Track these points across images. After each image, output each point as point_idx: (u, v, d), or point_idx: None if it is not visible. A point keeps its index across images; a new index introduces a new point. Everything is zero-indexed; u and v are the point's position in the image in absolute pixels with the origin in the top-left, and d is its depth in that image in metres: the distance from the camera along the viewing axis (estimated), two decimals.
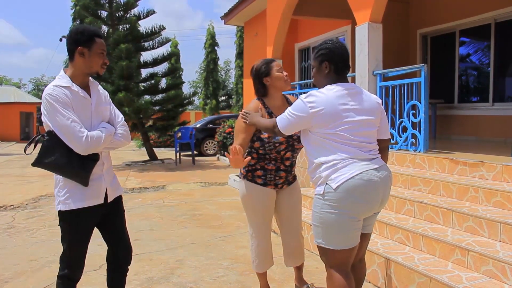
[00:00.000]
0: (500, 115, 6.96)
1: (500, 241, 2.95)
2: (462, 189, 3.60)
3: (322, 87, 2.23)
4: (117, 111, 2.48)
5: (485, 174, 3.76)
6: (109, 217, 2.42)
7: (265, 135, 2.70)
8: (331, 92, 2.14)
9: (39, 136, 2.19)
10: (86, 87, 2.32)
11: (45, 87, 2.27)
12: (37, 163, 2.19)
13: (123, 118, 2.48)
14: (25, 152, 2.23)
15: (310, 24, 10.32)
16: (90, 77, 2.36)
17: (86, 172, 2.24)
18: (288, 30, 8.09)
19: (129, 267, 2.53)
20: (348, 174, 2.04)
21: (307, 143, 2.26)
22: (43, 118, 2.21)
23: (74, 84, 2.24)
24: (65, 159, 2.17)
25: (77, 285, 2.37)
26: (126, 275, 2.55)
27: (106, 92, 2.47)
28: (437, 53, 8.42)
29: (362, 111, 2.15)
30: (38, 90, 43.40)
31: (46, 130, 2.22)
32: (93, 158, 2.27)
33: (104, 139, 2.25)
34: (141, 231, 4.95)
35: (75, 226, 2.28)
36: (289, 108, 2.24)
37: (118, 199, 2.48)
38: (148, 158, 12.84)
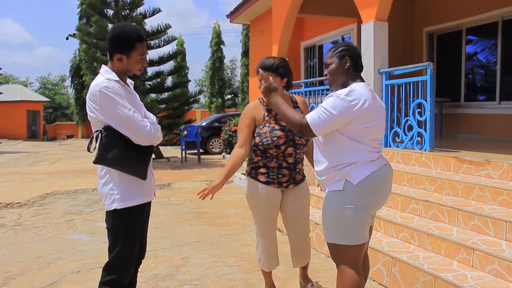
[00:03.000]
0: (507, 114, 6.91)
1: (506, 240, 2.94)
2: (468, 187, 3.59)
3: (339, 84, 2.23)
4: (147, 111, 2.39)
5: (491, 172, 3.74)
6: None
7: (263, 130, 2.70)
8: (363, 88, 2.12)
9: (97, 133, 2.10)
10: (125, 84, 2.26)
11: (92, 81, 2.17)
12: (99, 160, 2.10)
13: (155, 117, 2.41)
14: (89, 150, 2.11)
15: (316, 23, 10.30)
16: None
17: (144, 165, 2.18)
18: (293, 29, 8.09)
19: None
20: (367, 171, 2.13)
21: (332, 143, 2.16)
22: (94, 114, 2.11)
23: (120, 80, 2.18)
24: (124, 153, 2.10)
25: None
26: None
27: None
28: (443, 52, 8.37)
29: (381, 112, 2.20)
30: (44, 88, 43.62)
31: (102, 126, 2.11)
32: (148, 151, 2.21)
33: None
34: None
35: (131, 225, 2.19)
36: (323, 106, 2.07)
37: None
38: (154, 156, 12.89)
